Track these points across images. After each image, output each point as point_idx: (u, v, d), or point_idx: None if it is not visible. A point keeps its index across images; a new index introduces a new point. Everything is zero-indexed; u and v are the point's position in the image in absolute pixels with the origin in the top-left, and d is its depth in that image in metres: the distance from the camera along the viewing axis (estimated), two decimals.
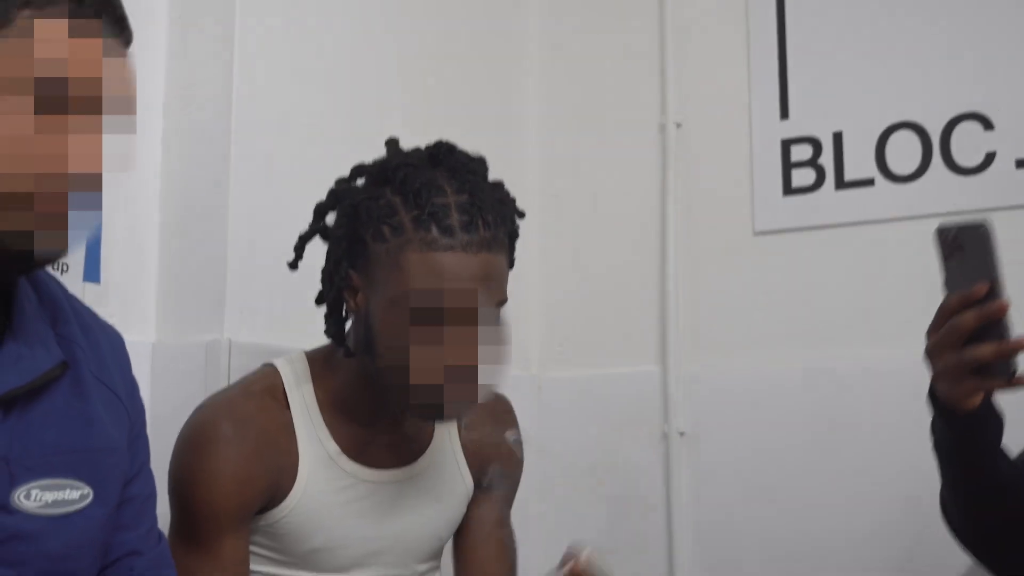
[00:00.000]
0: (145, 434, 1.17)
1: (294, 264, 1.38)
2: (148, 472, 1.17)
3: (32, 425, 0.99)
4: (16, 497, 0.97)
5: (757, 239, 2.17)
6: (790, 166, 2.15)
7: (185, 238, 1.76)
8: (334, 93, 1.93)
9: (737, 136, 2.20)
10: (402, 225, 1.25)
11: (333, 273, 1.32)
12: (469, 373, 1.25)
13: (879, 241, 2.07)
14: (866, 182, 2.09)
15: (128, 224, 1.72)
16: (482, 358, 1.24)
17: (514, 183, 1.37)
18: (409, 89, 2.09)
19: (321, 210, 1.38)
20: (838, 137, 2.12)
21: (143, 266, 1.75)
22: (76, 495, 1.01)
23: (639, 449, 2.21)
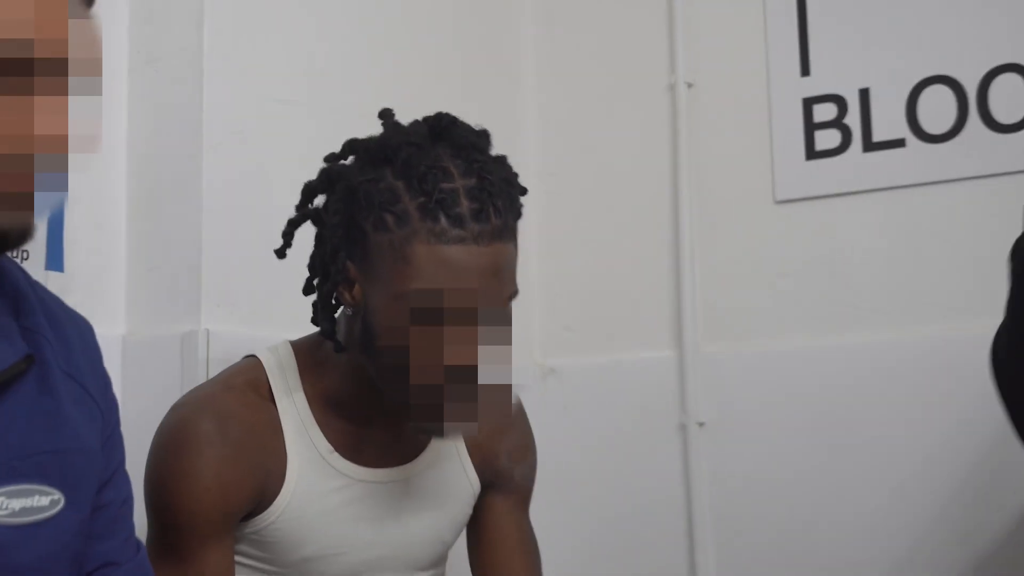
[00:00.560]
0: (119, 433, 1.15)
1: (281, 252, 1.37)
2: (124, 475, 1.15)
3: None
4: None
5: (778, 208, 2.16)
6: (813, 127, 2.13)
7: (155, 219, 1.74)
8: (316, 54, 1.91)
9: (754, 96, 2.19)
10: (407, 214, 1.23)
11: (328, 264, 1.30)
12: (470, 375, 1.24)
13: (912, 207, 2.06)
14: (896, 143, 2.08)
15: (92, 206, 1.71)
16: (488, 357, 1.24)
17: (509, 151, 1.37)
18: (397, 47, 2.08)
19: (311, 191, 1.37)
20: (865, 94, 2.10)
21: (110, 252, 1.74)
22: (46, 501, 1.00)
23: (654, 442, 2.21)
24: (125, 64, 1.76)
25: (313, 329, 1.42)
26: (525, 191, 1.33)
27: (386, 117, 1.35)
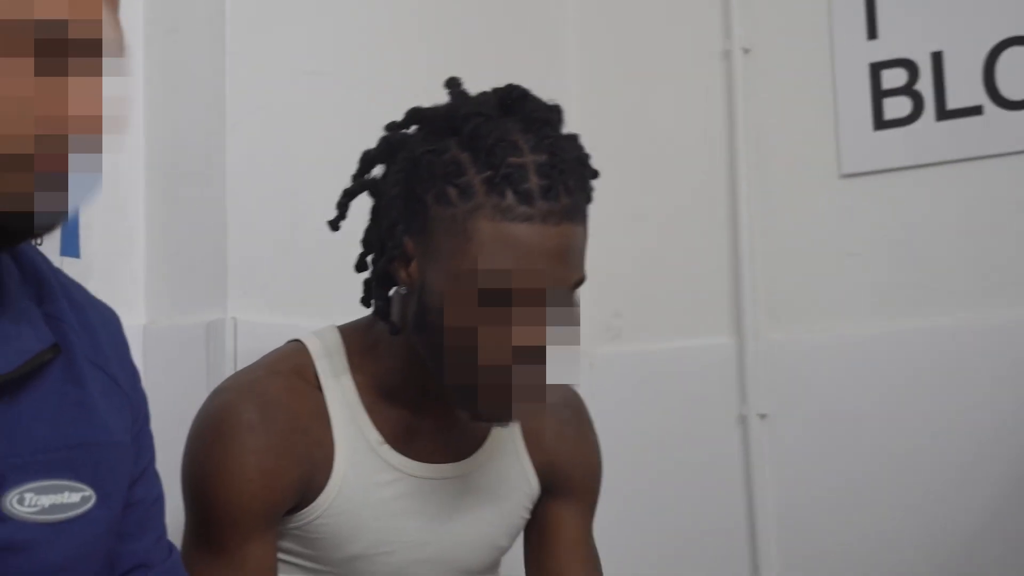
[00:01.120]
0: (149, 429, 1.16)
1: (335, 224, 1.38)
2: (154, 472, 1.16)
3: (22, 418, 0.98)
4: (8, 502, 0.96)
5: (844, 183, 2.15)
6: (881, 95, 2.12)
7: (176, 201, 1.75)
8: (345, 22, 1.91)
9: (817, 61, 2.18)
10: (471, 187, 1.24)
11: (385, 238, 1.31)
12: (538, 355, 1.25)
13: (990, 180, 2.05)
14: (973, 110, 2.06)
15: (109, 188, 1.71)
16: (554, 340, 1.24)
17: None
18: (431, 14, 2.08)
19: (370, 161, 1.37)
20: (937, 58, 2.09)
21: (128, 236, 1.75)
22: (76, 498, 1.00)
23: (712, 436, 2.21)
24: (141, 35, 1.77)
25: (351, 317, 1.43)
26: (597, 174, 1.33)
27: (453, 86, 1.35)
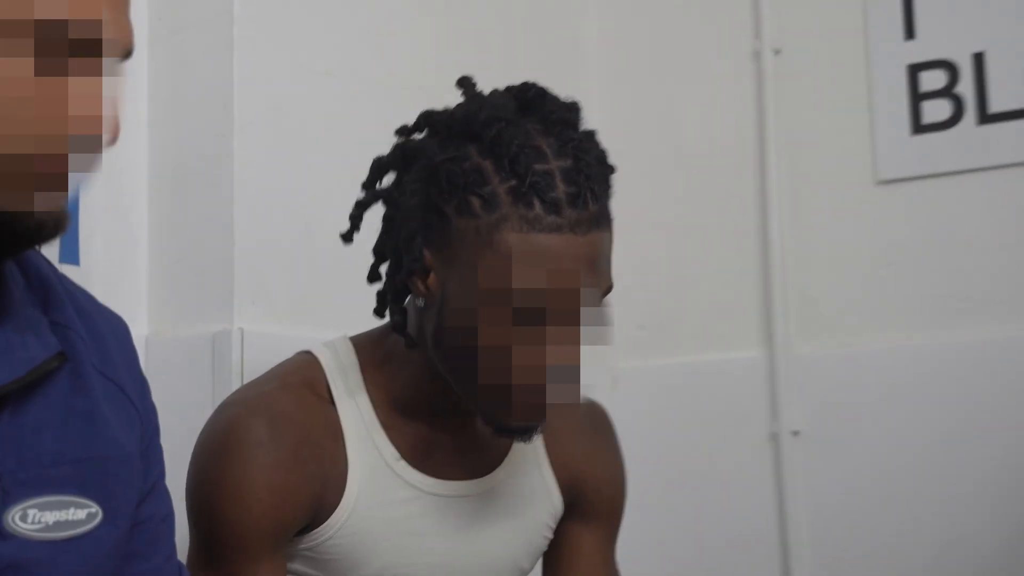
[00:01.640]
0: (159, 443, 1.17)
1: (348, 236, 1.38)
2: (163, 489, 1.17)
3: (26, 430, 0.99)
4: (10, 519, 0.97)
5: (880, 189, 2.15)
6: (919, 97, 2.12)
7: (181, 206, 1.76)
8: (357, 19, 1.92)
9: (851, 63, 2.18)
10: (496, 197, 1.24)
11: (403, 250, 1.31)
12: (572, 374, 1.26)
13: None
14: (1016, 114, 2.06)
15: (110, 192, 1.73)
16: (585, 357, 1.26)
17: None
18: (444, 11, 2.09)
19: (382, 168, 1.38)
20: (979, 59, 2.09)
21: (130, 243, 1.76)
22: (82, 514, 1.01)
23: (741, 454, 2.21)
24: (146, 33, 1.78)
25: (369, 325, 1.43)
26: (614, 170, 1.34)
27: (466, 86, 1.36)
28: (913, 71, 2.14)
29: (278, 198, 1.77)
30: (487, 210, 1.25)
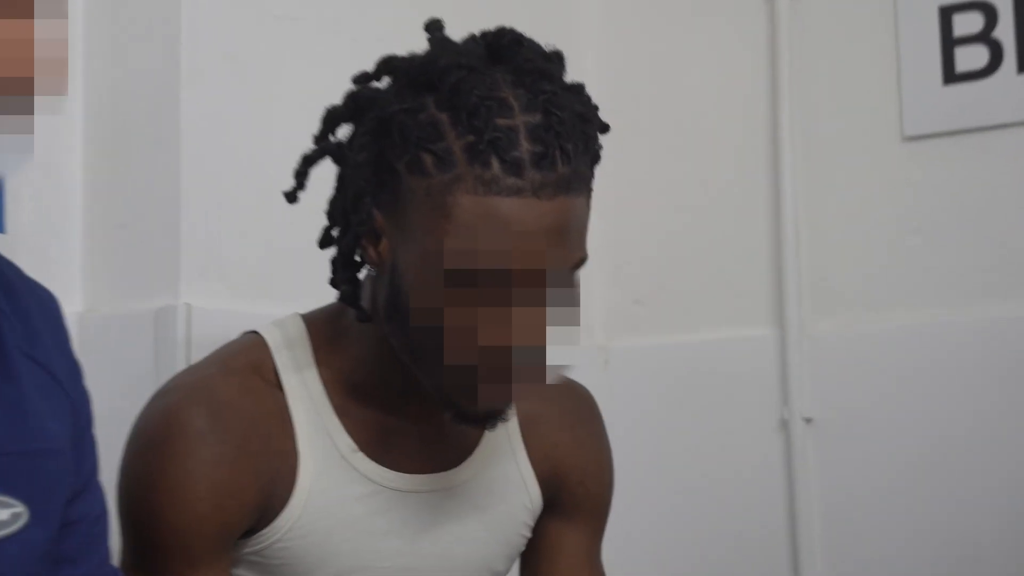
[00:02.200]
0: (92, 434, 1.16)
1: (292, 195, 1.37)
2: (97, 486, 1.16)
3: None
4: None
5: (907, 147, 2.16)
6: (952, 43, 2.12)
7: (120, 167, 1.75)
8: None
9: (876, 4, 2.18)
10: (450, 154, 1.23)
11: (351, 211, 1.31)
12: (536, 355, 1.25)
13: None
14: None
15: (41, 151, 1.70)
16: (551, 338, 1.24)
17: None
18: None
19: (334, 119, 1.37)
20: None
21: (63, 208, 1.76)
22: (6, 515, 1.01)
23: (748, 442, 2.22)
24: None
25: (321, 303, 1.43)
26: (606, 128, 1.33)
27: (434, 30, 1.35)
28: (945, 14, 2.13)
29: (231, 157, 1.76)
30: (440, 169, 1.24)
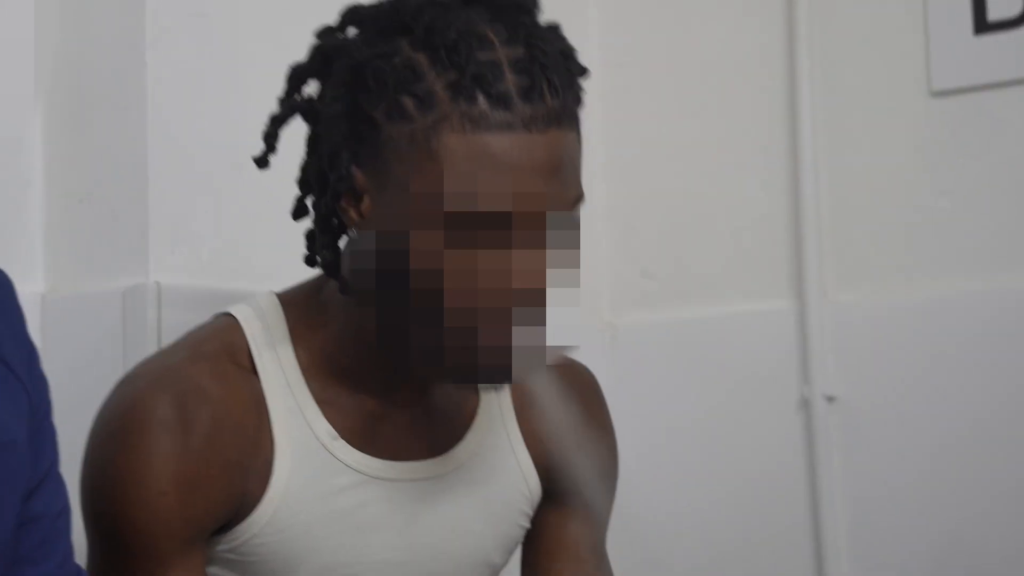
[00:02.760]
0: (51, 423, 1.17)
1: (263, 160, 1.38)
2: (57, 479, 1.17)
3: None
4: None
5: (936, 102, 2.15)
6: None
7: (82, 134, 1.75)
8: None
9: None
10: (432, 94, 1.24)
11: (328, 169, 1.31)
12: (538, 298, 1.25)
13: None
14: None
15: None
16: (552, 280, 1.25)
17: (565, 29, 1.35)
18: None
19: (300, 76, 1.37)
20: None
21: (21, 180, 1.76)
22: None
23: (767, 423, 2.22)
24: None
25: (302, 278, 1.43)
26: (585, 71, 1.33)
27: None
28: None
29: (201, 124, 1.76)
30: (422, 111, 1.25)
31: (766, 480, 2.22)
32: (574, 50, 1.33)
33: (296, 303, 1.40)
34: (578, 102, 1.31)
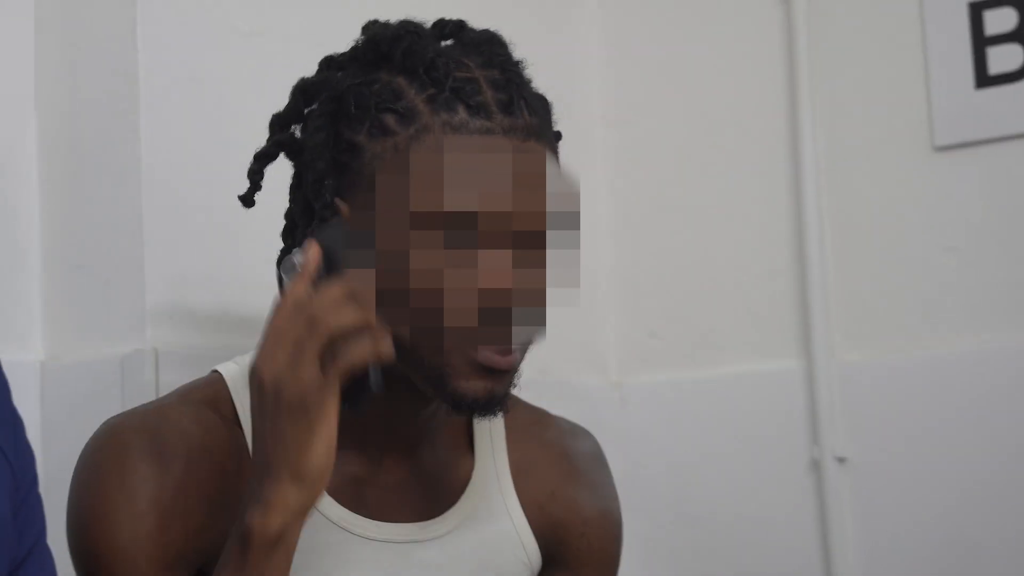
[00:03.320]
0: (37, 494, 1.16)
1: (248, 198, 1.40)
2: (44, 551, 1.16)
3: None
4: None
5: (939, 157, 2.15)
6: (984, 42, 2.12)
7: (79, 199, 1.75)
8: None
9: (900, 1, 2.17)
10: (413, 109, 1.27)
11: (311, 199, 1.32)
12: (504, 298, 1.25)
13: None
14: None
15: None
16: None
17: (566, 92, 1.39)
18: None
19: (281, 122, 1.40)
20: None
21: (19, 246, 1.75)
22: None
23: (777, 485, 2.21)
24: None
25: None
26: (551, 106, 1.36)
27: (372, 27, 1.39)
28: (976, 10, 2.12)
29: (197, 186, 1.76)
30: (404, 124, 1.27)
31: (778, 543, 2.21)
32: (543, 94, 1.36)
33: None
34: (552, 129, 1.34)
